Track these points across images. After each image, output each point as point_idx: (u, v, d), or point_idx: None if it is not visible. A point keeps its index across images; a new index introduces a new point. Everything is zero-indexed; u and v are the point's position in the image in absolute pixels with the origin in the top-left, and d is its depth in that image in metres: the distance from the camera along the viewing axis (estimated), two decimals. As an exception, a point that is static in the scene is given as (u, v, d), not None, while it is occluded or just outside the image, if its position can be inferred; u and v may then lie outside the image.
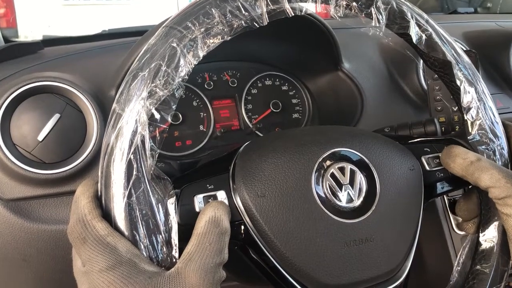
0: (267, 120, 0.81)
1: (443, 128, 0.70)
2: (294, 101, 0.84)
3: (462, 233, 0.72)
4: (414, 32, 0.47)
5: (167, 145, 0.72)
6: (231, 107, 0.80)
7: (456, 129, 0.71)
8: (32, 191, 0.57)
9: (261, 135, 0.80)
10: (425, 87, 0.75)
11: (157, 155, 0.38)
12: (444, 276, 0.72)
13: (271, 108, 0.81)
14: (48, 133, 0.56)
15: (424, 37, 0.48)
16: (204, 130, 0.77)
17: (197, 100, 0.78)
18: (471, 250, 0.49)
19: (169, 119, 0.39)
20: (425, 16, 0.49)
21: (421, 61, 0.78)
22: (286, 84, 0.84)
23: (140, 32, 0.74)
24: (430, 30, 0.48)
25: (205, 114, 0.77)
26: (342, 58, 0.76)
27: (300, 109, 0.83)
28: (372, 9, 0.46)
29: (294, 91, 0.84)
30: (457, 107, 0.71)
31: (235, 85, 0.81)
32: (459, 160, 0.46)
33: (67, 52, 0.71)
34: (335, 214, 0.42)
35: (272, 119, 0.81)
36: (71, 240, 0.36)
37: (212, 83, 0.79)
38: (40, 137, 0.56)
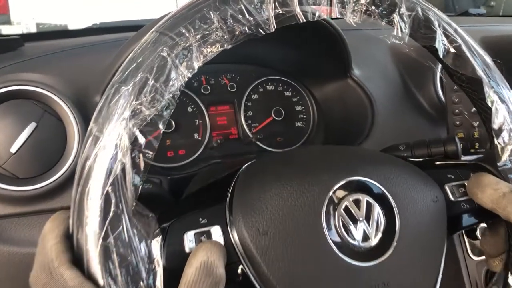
0: (268, 128, 0.76)
1: (461, 145, 0.64)
2: (297, 108, 0.79)
3: (478, 258, 0.67)
4: (441, 44, 0.42)
5: (157, 155, 0.66)
6: (229, 113, 0.75)
7: (476, 146, 0.66)
8: (2, 210, 0.52)
9: (262, 145, 0.75)
10: (443, 99, 0.69)
11: (140, 187, 0.32)
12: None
13: (273, 115, 0.77)
14: (22, 144, 0.52)
15: (452, 49, 0.43)
16: (199, 139, 0.71)
17: (192, 106, 0.73)
18: None
19: (156, 144, 0.33)
20: (454, 25, 0.44)
21: (439, 67, 0.72)
22: (290, 89, 0.80)
23: (135, 27, 0.68)
24: (460, 41, 0.43)
25: (200, 121, 0.72)
26: (352, 64, 0.70)
27: (304, 117, 0.79)
28: (395, 16, 0.41)
29: (298, 98, 0.80)
30: (478, 122, 0.65)
31: (234, 89, 0.76)
32: (489, 190, 0.41)
33: (50, 49, 0.65)
34: (349, 256, 0.37)
35: (274, 127, 0.77)
36: None
37: (209, 87, 0.74)
38: (13, 148, 0.51)
